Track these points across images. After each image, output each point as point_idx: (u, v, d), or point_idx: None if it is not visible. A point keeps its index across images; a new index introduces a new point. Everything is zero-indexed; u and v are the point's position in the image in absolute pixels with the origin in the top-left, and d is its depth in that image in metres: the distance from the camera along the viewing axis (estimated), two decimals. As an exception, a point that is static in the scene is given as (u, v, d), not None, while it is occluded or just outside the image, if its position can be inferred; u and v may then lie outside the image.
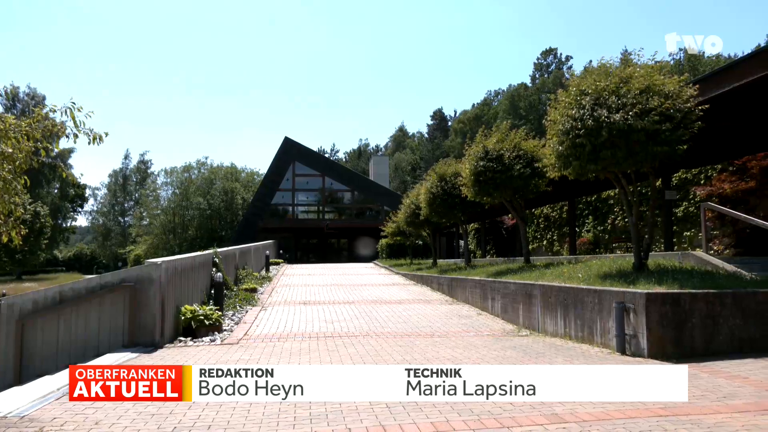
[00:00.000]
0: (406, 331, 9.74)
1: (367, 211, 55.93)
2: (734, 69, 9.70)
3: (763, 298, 7.29)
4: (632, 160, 8.33)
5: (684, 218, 18.02)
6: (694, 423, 4.17)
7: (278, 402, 4.94)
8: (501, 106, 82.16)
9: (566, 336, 8.60)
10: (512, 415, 4.43)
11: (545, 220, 27.84)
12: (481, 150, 13.78)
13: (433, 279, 18.33)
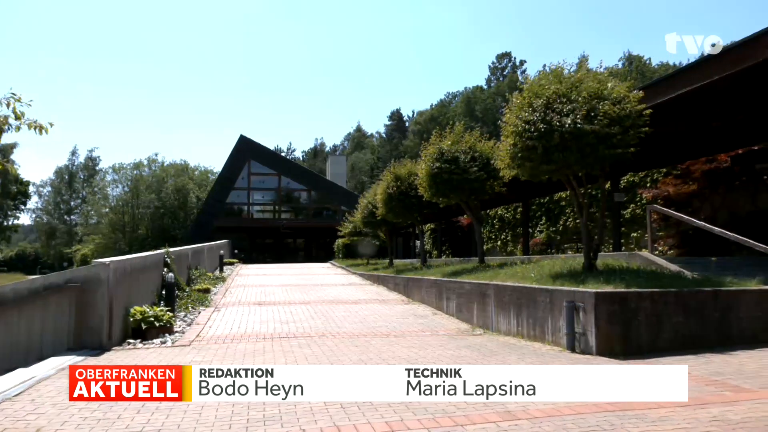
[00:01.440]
0: (363, 331, 9.74)
1: (324, 211, 55.65)
2: (678, 77, 10.11)
3: (704, 297, 7.62)
4: (583, 162, 8.58)
5: (631, 220, 18.66)
6: (638, 417, 4.32)
7: (231, 404, 4.86)
8: (458, 108, 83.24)
9: (519, 335, 8.78)
10: (466, 413, 4.48)
11: (500, 221, 28.34)
12: (436, 151, 13.91)
13: (389, 279, 18.38)
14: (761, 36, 8.33)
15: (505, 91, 61.06)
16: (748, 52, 8.61)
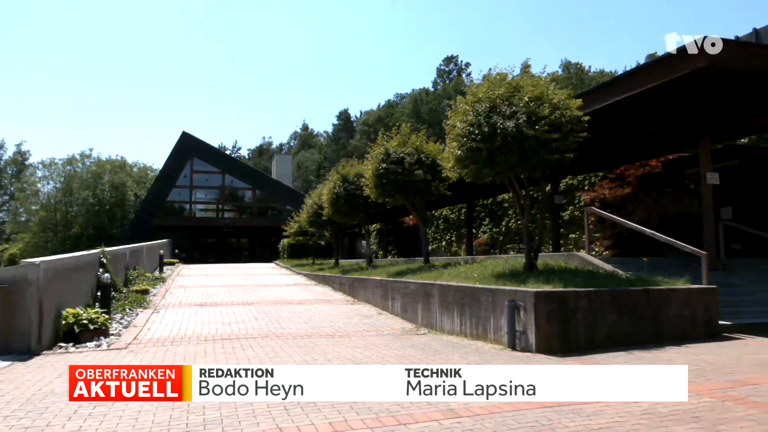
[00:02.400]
0: (308, 331, 9.66)
1: (269, 211, 54.90)
2: (614, 85, 10.55)
3: (637, 296, 7.96)
4: (525, 165, 8.81)
5: (570, 221, 19.31)
6: (574, 412, 4.47)
7: (170, 407, 4.72)
8: (405, 110, 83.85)
9: (462, 334, 8.92)
10: (410, 412, 4.51)
11: (445, 222, 28.74)
12: (383, 152, 13.97)
13: (335, 279, 18.32)
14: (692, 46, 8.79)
15: (451, 94, 62.12)
16: (677, 63, 9.08)
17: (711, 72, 9.02)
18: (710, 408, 4.55)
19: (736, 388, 5.22)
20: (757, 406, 4.57)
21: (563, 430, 4.04)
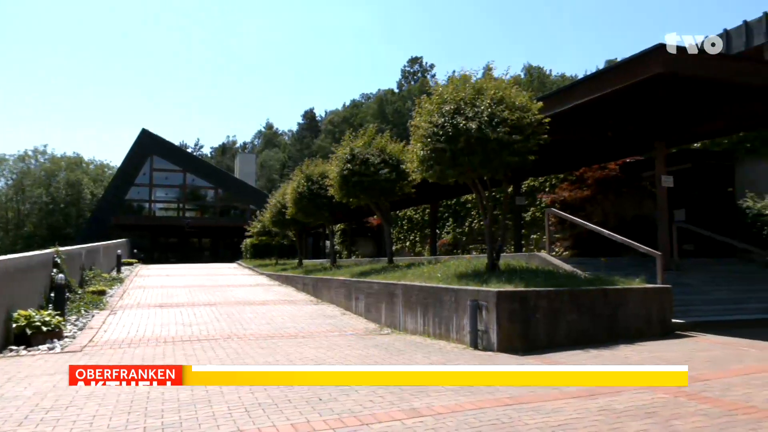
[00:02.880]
0: (270, 332, 9.56)
1: (232, 210, 54.16)
2: (575, 89, 10.78)
3: (595, 295, 8.15)
4: (488, 166, 8.92)
5: (532, 222, 19.64)
6: (535, 410, 4.54)
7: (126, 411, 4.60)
8: (370, 110, 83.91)
9: (425, 333, 8.97)
10: (372, 412, 4.51)
11: (409, 222, 28.86)
12: (348, 152, 13.95)
13: (298, 279, 18.19)
14: (648, 54, 9.07)
15: (416, 95, 62.46)
16: (635, 68, 9.34)
17: (667, 78, 9.30)
18: (664, 403, 4.69)
19: (689, 384, 5.40)
20: (709, 401, 4.74)
21: (524, 427, 4.10)
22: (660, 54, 8.86)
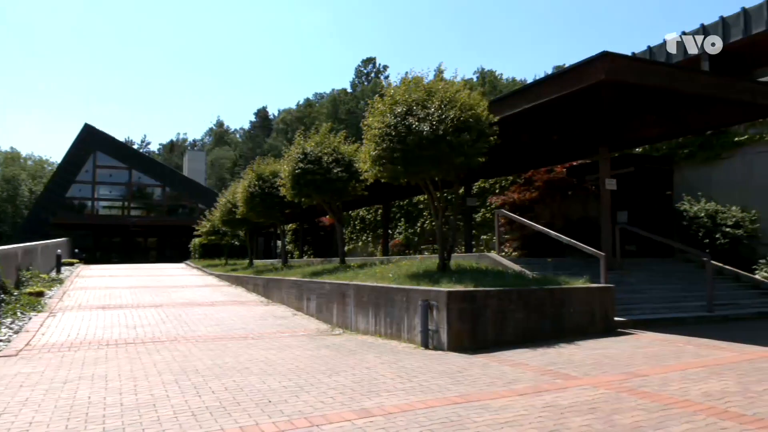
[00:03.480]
0: (219, 334, 9.38)
1: (180, 209, 52.85)
2: (524, 93, 11.02)
3: (542, 295, 8.35)
4: (439, 168, 9.03)
5: (482, 223, 19.98)
6: (483, 407, 4.62)
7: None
8: (323, 109, 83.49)
9: (377, 333, 8.99)
10: (323, 413, 4.48)
11: (361, 222, 28.86)
12: (300, 152, 13.84)
13: (248, 280, 17.92)
14: (593, 61, 9.37)
15: (369, 95, 62.61)
16: (581, 75, 9.64)
17: (610, 84, 9.64)
18: (605, 399, 4.85)
19: (629, 379, 5.61)
20: (647, 396, 4.93)
21: (473, 425, 4.16)
22: (604, 61, 9.17)
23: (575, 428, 4.05)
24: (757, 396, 4.90)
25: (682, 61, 21.50)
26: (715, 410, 4.47)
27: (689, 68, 15.30)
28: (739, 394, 4.98)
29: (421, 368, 6.26)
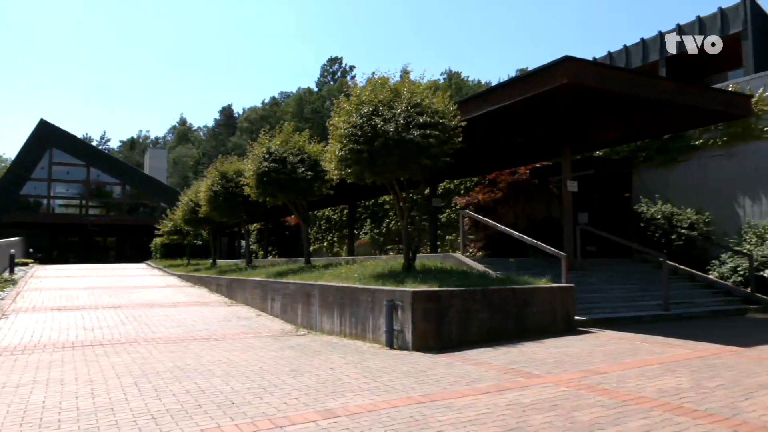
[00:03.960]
0: (180, 335, 9.20)
1: (141, 208, 51.69)
2: (488, 96, 11.16)
3: (505, 294, 8.47)
4: (405, 168, 9.06)
5: (447, 224, 20.14)
6: (447, 406, 4.66)
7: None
8: (288, 108, 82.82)
9: (342, 333, 8.96)
10: (286, 415, 4.45)
11: (327, 222, 28.74)
12: (265, 151, 13.70)
13: (212, 280, 17.65)
14: (555, 65, 9.54)
15: (335, 95, 62.42)
16: (544, 78, 9.81)
17: (571, 88, 9.84)
18: (566, 396, 4.95)
19: (589, 377, 5.74)
20: (606, 393, 5.05)
21: (436, 423, 4.19)
22: (566, 66, 9.36)
23: (537, 426, 4.11)
24: (710, 392, 5.08)
25: (641, 67, 22.15)
26: (670, 406, 4.61)
27: (648, 74, 15.77)
28: (692, 390, 5.15)
29: (385, 368, 6.28)
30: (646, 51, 22.62)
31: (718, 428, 4.02)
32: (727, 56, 20.66)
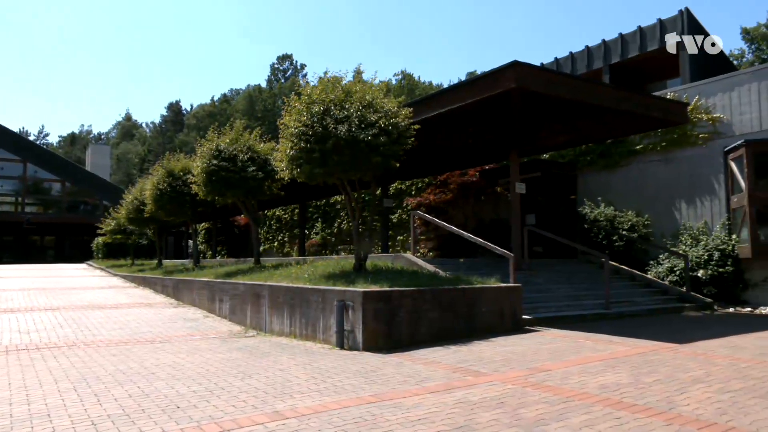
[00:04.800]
0: (123, 338, 8.90)
1: (82, 206, 49.73)
2: (440, 98, 11.28)
3: (455, 294, 8.58)
4: (356, 168, 9.05)
5: (399, 224, 20.26)
6: (396, 406, 4.68)
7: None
8: (238, 106, 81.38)
9: (292, 334, 8.88)
10: (234, 418, 4.37)
11: (278, 222, 28.42)
12: (214, 148, 13.43)
13: (157, 281, 17.16)
14: (504, 70, 9.75)
15: (286, 93, 61.82)
16: (493, 82, 10.00)
17: (520, 92, 10.07)
18: (512, 394, 5.06)
19: (534, 374, 5.89)
20: (550, 390, 5.19)
21: (386, 423, 4.21)
22: (514, 70, 9.57)
23: (484, 423, 4.19)
24: (647, 387, 5.29)
25: (586, 74, 22.89)
26: (611, 401, 4.78)
27: (592, 80, 16.30)
28: (631, 385, 5.36)
29: (335, 369, 6.26)
30: (590, 58, 23.39)
31: (655, 421, 4.20)
32: (666, 65, 21.66)
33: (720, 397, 4.88)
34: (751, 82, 13.55)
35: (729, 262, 13.00)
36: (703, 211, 14.17)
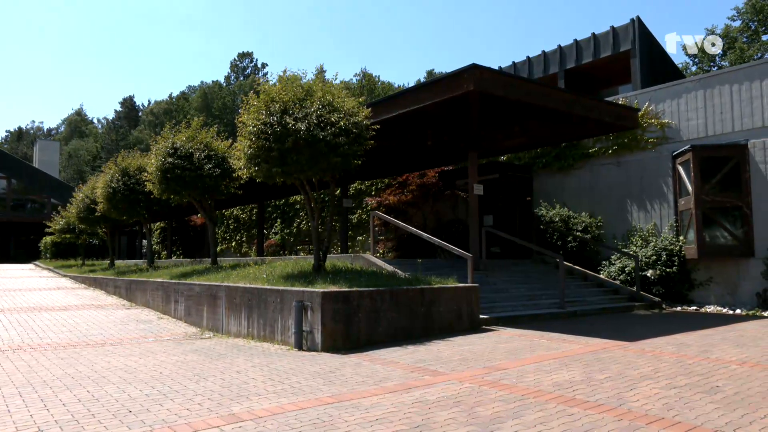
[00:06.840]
0: (72, 340, 8.60)
1: (29, 204, 47.80)
2: (399, 99, 11.34)
3: (413, 294, 8.63)
4: (315, 168, 9.01)
5: (358, 224, 20.25)
6: (354, 406, 4.67)
7: None
8: (195, 103, 79.75)
9: (250, 336, 8.76)
10: (188, 421, 4.28)
11: (235, 222, 28.00)
12: (169, 145, 13.13)
13: (109, 282, 16.66)
14: (462, 72, 9.86)
15: (245, 91, 60.96)
16: (452, 84, 10.11)
17: (478, 95, 10.21)
18: (469, 392, 5.12)
19: (491, 373, 5.98)
20: (506, 388, 5.28)
21: (344, 424, 4.20)
22: (473, 73, 9.70)
23: (441, 422, 4.22)
24: (599, 384, 5.44)
25: (542, 78, 23.40)
26: (564, 398, 4.89)
27: (548, 85, 16.67)
28: (584, 382, 5.50)
29: (293, 370, 6.21)
30: (547, 63, 23.91)
31: (607, 417, 4.32)
32: (618, 71, 22.36)
33: (667, 393, 5.06)
34: (698, 90, 14.11)
35: (676, 263, 13.50)
36: (653, 213, 14.67)
